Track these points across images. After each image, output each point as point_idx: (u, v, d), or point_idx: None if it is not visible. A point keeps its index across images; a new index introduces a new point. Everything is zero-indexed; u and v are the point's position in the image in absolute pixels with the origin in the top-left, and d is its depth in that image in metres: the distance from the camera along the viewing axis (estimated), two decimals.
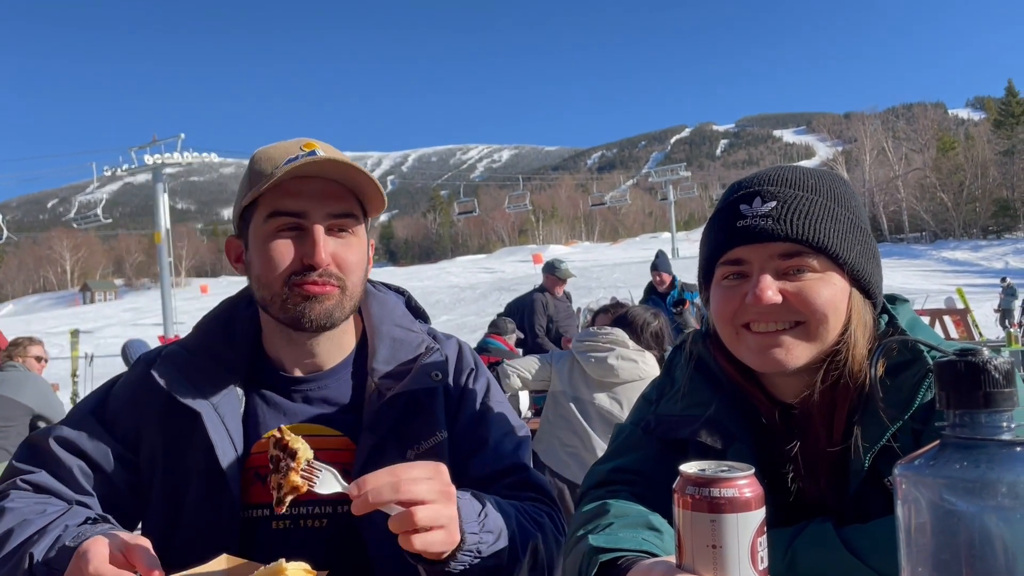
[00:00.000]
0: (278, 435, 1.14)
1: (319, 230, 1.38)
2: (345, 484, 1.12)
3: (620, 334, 4.46)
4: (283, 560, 1.11)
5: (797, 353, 1.21)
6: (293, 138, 1.48)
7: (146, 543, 1.16)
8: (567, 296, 9.41)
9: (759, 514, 0.82)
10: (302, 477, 1.11)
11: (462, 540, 1.16)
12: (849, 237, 1.22)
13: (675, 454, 1.30)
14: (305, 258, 1.38)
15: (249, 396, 1.49)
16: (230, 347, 1.51)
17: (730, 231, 1.23)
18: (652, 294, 8.66)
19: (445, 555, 1.15)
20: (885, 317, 1.29)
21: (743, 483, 0.82)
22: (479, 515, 1.21)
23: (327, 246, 1.39)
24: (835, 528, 1.12)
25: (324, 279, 1.39)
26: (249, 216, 1.44)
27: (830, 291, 1.20)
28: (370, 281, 1.61)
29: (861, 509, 1.16)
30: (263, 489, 1.18)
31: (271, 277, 1.40)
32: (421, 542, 1.09)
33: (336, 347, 1.52)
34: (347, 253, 1.42)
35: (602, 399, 4.39)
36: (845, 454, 1.21)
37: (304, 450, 1.13)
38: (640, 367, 4.39)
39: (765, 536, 0.83)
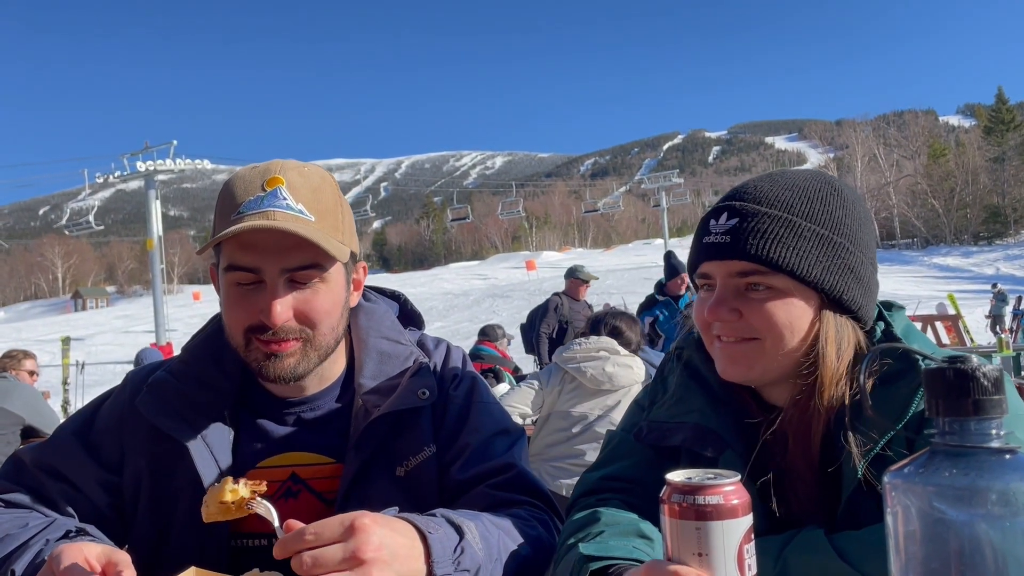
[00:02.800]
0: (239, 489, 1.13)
1: (273, 289, 1.30)
2: (279, 528, 1.09)
3: (610, 342, 4.49)
4: (256, 570, 1.09)
5: (759, 367, 1.22)
6: (277, 156, 1.41)
7: (124, 556, 1.14)
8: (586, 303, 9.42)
9: (745, 521, 0.83)
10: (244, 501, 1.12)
11: None
12: (815, 254, 1.19)
13: (667, 461, 1.29)
14: (261, 315, 1.31)
15: (239, 424, 1.45)
16: (220, 371, 1.46)
17: (698, 246, 1.27)
18: (662, 294, 8.20)
19: None
20: (881, 324, 1.28)
21: (729, 490, 0.82)
22: (454, 551, 1.11)
23: (285, 302, 1.31)
24: (827, 535, 1.10)
25: (282, 336, 1.32)
26: (218, 255, 1.37)
27: (786, 311, 1.20)
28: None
29: (853, 517, 1.16)
30: (257, 519, 1.15)
31: (232, 328, 1.36)
32: None
33: (322, 375, 1.47)
34: (313, 304, 1.34)
35: (598, 407, 4.39)
36: (837, 462, 1.20)
37: (250, 491, 1.13)
38: (635, 372, 4.45)
39: (753, 543, 0.84)
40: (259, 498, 1.14)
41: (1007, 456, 0.68)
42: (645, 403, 1.44)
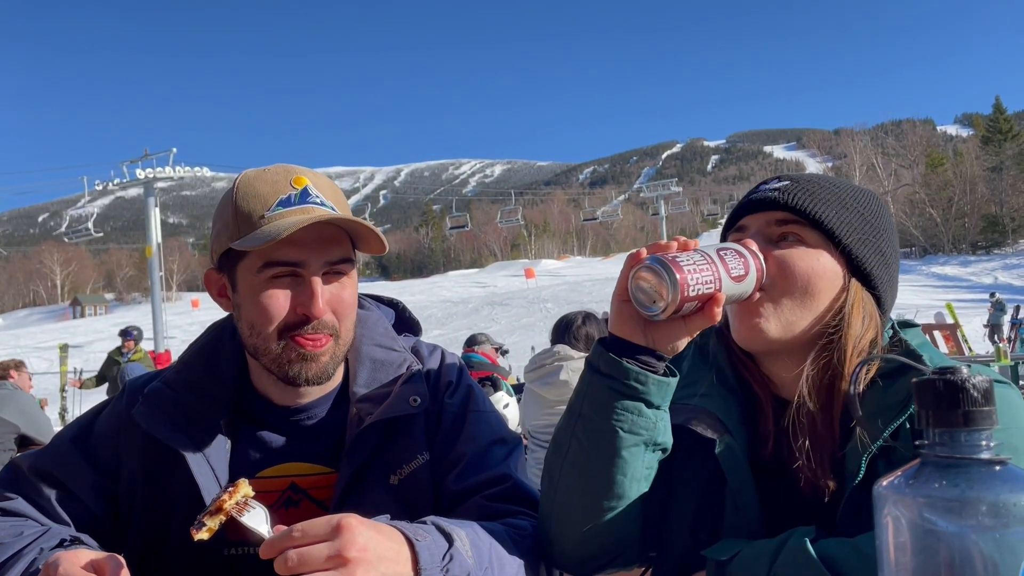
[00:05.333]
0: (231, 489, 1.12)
1: (317, 281, 1.33)
2: (270, 530, 1.08)
3: (564, 349, 4.35)
4: None
5: (770, 322, 1.22)
6: (277, 162, 1.42)
7: (120, 562, 1.14)
8: None
9: (728, 245, 1.21)
10: (235, 504, 1.09)
11: None
12: (852, 222, 1.25)
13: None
14: (300, 308, 1.33)
15: (236, 434, 1.45)
16: (215, 382, 1.46)
17: (742, 204, 1.32)
18: None
19: None
20: (889, 332, 1.30)
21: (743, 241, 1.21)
22: (443, 558, 1.11)
23: (324, 296, 1.34)
24: (819, 546, 1.08)
25: (319, 330, 1.35)
26: (236, 257, 1.36)
27: (810, 263, 1.22)
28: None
29: (854, 512, 1.16)
30: (244, 527, 1.15)
31: (265, 328, 1.34)
32: None
33: (324, 384, 1.46)
34: (342, 297, 1.38)
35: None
36: (842, 454, 1.20)
37: (245, 487, 1.12)
38: None
39: (734, 251, 1.18)
40: (253, 501, 1.12)
41: (997, 468, 0.68)
42: None
